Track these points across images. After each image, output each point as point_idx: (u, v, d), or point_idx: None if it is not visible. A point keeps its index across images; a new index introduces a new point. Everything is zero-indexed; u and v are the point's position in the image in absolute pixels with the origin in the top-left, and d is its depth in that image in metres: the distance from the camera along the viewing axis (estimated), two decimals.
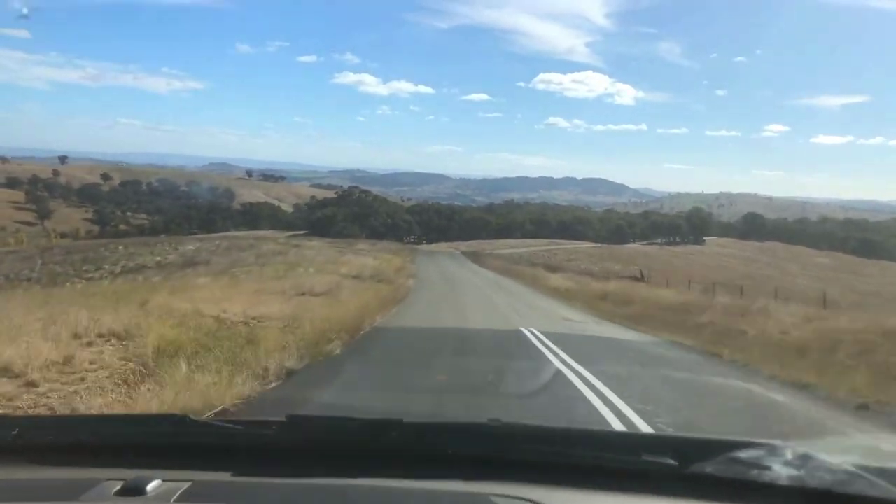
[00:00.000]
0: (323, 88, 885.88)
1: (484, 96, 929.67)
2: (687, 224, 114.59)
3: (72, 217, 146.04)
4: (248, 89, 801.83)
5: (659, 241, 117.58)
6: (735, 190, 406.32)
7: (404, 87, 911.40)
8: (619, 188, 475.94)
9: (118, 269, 38.02)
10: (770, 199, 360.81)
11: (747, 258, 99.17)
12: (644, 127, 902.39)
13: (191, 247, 48.13)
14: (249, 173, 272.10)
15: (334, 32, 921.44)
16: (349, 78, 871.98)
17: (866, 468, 1.31)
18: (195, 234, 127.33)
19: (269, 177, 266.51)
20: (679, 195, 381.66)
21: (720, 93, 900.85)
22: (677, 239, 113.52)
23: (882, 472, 1.30)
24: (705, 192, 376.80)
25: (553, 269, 40.86)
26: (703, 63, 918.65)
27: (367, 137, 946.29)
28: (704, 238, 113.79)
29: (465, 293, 23.72)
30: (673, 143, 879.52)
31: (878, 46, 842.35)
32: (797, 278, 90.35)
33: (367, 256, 37.85)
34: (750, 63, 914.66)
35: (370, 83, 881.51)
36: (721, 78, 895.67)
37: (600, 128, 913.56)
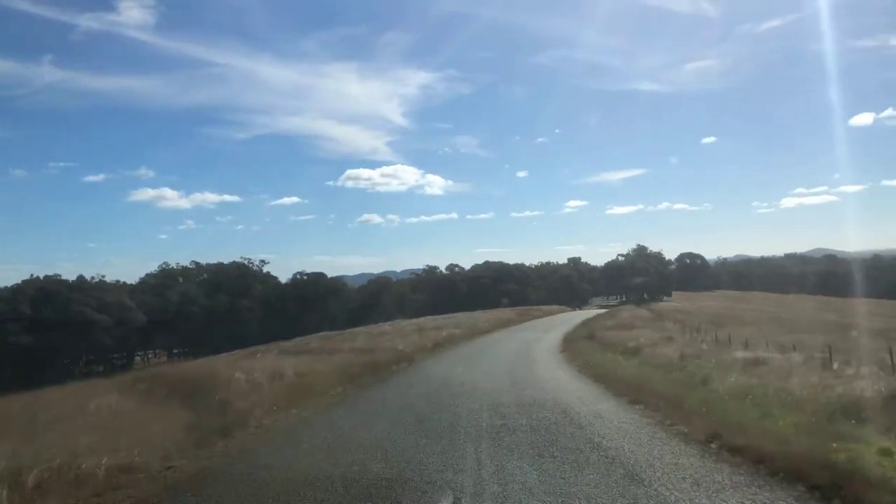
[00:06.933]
0: (117, 208, 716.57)
1: (295, 199, 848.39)
2: (680, 273, 79.72)
3: None
4: (31, 218, 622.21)
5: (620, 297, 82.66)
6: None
7: (209, 197, 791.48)
8: None
9: None
10: None
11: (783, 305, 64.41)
12: (455, 215, 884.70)
13: None
14: None
15: (124, 148, 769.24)
16: (147, 194, 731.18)
17: None
18: None
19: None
20: None
21: (521, 174, 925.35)
22: (645, 296, 78.98)
23: None
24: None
25: None
26: (502, 149, 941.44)
27: (171, 255, 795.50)
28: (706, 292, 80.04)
29: None
30: (482, 228, 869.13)
31: (647, 125, 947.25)
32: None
33: None
34: (550, 143, 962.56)
35: (171, 197, 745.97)
36: (522, 160, 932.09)
37: (414, 220, 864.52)
